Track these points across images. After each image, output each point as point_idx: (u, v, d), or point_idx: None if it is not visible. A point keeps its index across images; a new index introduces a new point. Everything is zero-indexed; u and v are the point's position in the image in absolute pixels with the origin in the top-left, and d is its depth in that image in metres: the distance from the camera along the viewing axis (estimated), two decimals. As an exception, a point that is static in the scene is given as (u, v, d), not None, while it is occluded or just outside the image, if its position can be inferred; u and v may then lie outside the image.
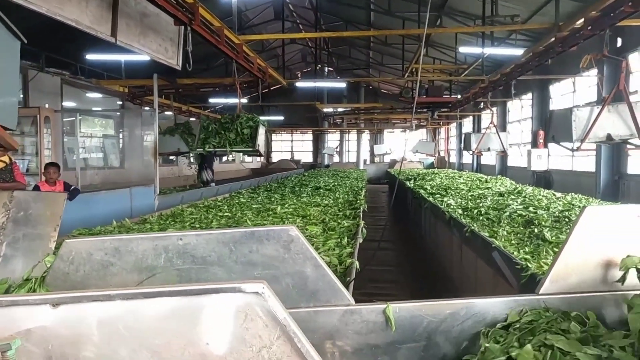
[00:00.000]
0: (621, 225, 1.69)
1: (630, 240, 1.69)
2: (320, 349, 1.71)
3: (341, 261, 3.60)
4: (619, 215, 1.70)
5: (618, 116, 4.59)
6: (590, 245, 1.69)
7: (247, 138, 5.39)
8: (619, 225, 1.69)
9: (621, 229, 1.69)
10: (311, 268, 1.69)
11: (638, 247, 1.69)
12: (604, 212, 1.70)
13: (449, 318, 1.69)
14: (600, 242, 1.69)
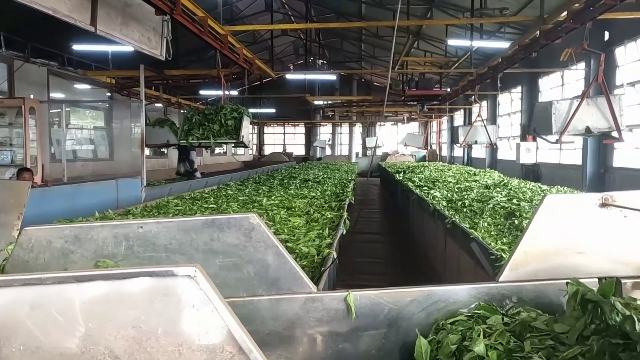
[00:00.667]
0: (581, 214, 1.70)
1: (589, 229, 1.70)
2: (282, 337, 1.72)
3: (319, 252, 3.61)
4: (579, 203, 1.71)
5: (597, 109, 4.62)
6: (550, 234, 1.70)
7: (231, 129, 5.36)
8: (579, 213, 1.70)
9: (581, 217, 1.70)
10: (272, 256, 1.69)
11: (596, 235, 1.71)
12: (564, 201, 1.72)
13: (410, 305, 1.70)
14: (560, 230, 1.70)
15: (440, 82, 14.43)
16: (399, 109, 17.96)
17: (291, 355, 1.71)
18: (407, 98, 12.19)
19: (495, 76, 8.44)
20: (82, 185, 7.87)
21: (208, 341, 0.90)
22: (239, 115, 5.39)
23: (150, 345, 0.91)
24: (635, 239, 1.70)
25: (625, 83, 9.39)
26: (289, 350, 1.71)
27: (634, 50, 9.15)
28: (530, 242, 1.70)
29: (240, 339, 0.89)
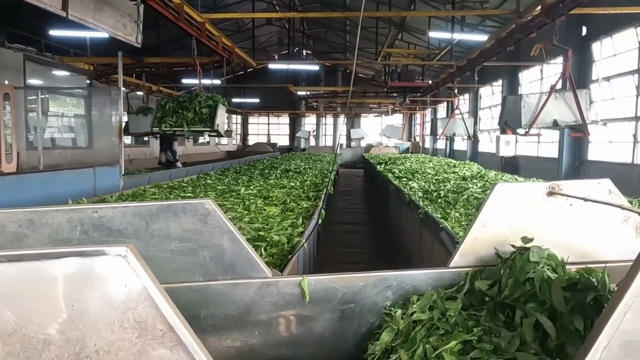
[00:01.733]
0: (529, 202, 1.76)
1: (536, 216, 1.76)
2: (237, 320, 1.75)
3: (289, 240, 3.65)
4: (527, 192, 1.76)
5: (564, 103, 4.73)
6: (499, 221, 1.75)
7: (205, 118, 5.31)
8: (527, 202, 1.76)
9: (529, 205, 1.76)
10: (228, 241, 1.71)
11: (544, 222, 1.77)
12: (513, 189, 1.77)
13: (363, 290, 1.74)
14: (509, 217, 1.76)
15: (423, 74, 14.50)
16: (382, 100, 18.01)
17: (247, 339, 1.74)
18: (389, 90, 12.22)
19: (473, 69, 8.53)
20: (58, 173, 7.76)
21: (139, 319, 0.93)
22: (214, 104, 5.34)
23: (83, 323, 0.92)
24: (579, 227, 1.76)
25: (600, 78, 9.57)
26: (245, 334, 1.74)
27: (610, 45, 9.32)
28: (479, 229, 1.75)
29: (170, 317, 0.91)
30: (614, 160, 9.20)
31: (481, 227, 1.75)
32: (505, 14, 7.95)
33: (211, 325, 1.73)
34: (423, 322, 1.45)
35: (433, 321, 1.42)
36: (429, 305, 1.53)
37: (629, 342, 0.93)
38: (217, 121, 5.25)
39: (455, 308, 1.41)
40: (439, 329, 1.37)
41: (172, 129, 5.55)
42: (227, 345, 1.74)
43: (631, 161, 8.63)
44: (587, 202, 1.73)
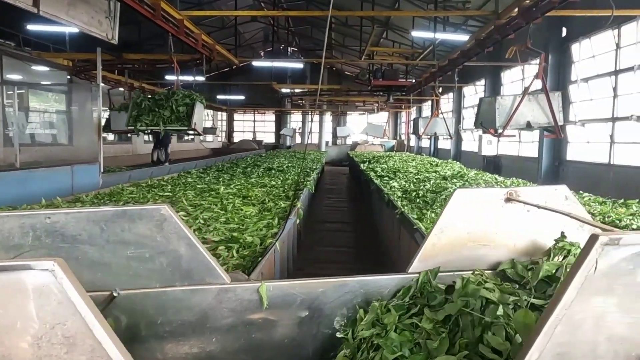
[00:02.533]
0: (487, 208, 1.77)
1: (494, 222, 1.77)
2: (195, 327, 1.73)
3: (262, 241, 3.63)
4: (486, 198, 1.77)
5: (537, 105, 4.79)
6: (458, 226, 1.76)
7: (182, 116, 5.23)
8: (486, 207, 1.77)
9: (487, 211, 1.77)
10: (185, 247, 1.69)
11: (502, 228, 1.78)
12: (472, 195, 1.77)
13: (322, 296, 1.74)
14: (467, 223, 1.76)
15: (407, 73, 14.55)
16: (367, 98, 18.04)
17: (204, 345, 1.73)
18: (373, 88, 12.23)
19: (454, 69, 8.58)
20: (34, 171, 7.61)
21: (68, 334, 0.91)
22: (192, 102, 5.26)
23: (9, 339, 0.90)
24: (536, 232, 1.77)
25: (579, 79, 9.70)
26: (202, 340, 1.72)
27: (588, 47, 9.44)
28: (438, 234, 1.76)
29: (99, 332, 0.89)
30: (592, 161, 9.35)
31: (440, 233, 1.76)
32: (481, 15, 8.01)
33: (168, 331, 1.71)
34: (367, 338, 1.45)
35: (373, 338, 1.42)
36: (374, 319, 1.53)
37: (561, 354, 0.94)
38: (195, 120, 5.18)
39: (392, 321, 1.41)
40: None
41: (147, 128, 5.46)
42: (184, 352, 1.72)
43: (608, 161, 8.77)
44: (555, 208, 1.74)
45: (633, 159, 8.15)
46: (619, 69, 8.49)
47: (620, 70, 8.46)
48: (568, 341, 0.94)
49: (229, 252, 3.35)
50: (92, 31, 5.12)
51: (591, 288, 0.94)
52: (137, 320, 1.70)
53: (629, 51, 8.25)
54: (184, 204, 5.24)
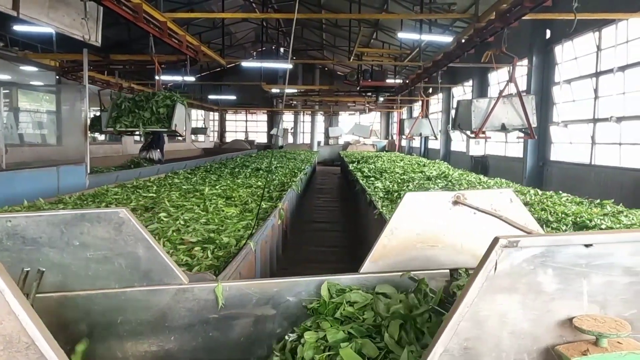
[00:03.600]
0: (436, 210, 1.84)
1: (443, 224, 1.85)
2: (154, 326, 1.80)
3: (238, 242, 3.69)
4: (435, 201, 1.85)
5: (512, 107, 4.89)
6: (407, 228, 1.83)
7: (163, 117, 5.26)
8: (434, 210, 1.84)
9: (436, 213, 1.84)
10: (143, 249, 1.75)
11: (450, 229, 1.85)
12: (421, 198, 1.85)
13: (276, 295, 1.80)
14: (417, 225, 1.84)
15: (395, 73, 14.66)
16: (356, 99, 18.13)
17: (163, 344, 1.79)
18: (361, 89, 12.32)
19: (438, 71, 8.67)
20: (19, 172, 7.62)
21: (5, 332, 0.96)
22: (172, 103, 5.29)
23: (-54, 338, 0.96)
24: (482, 233, 1.85)
25: (561, 80, 9.83)
26: (161, 338, 1.78)
27: (571, 49, 9.58)
28: (389, 236, 1.83)
29: (32, 330, 0.95)
30: (574, 161, 9.48)
31: (390, 234, 1.83)
32: (462, 17, 8.11)
33: (128, 330, 1.77)
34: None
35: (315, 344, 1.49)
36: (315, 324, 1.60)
37: (467, 349, 1.01)
38: (175, 121, 5.21)
39: (328, 328, 1.48)
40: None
41: (127, 130, 5.48)
42: (143, 350, 1.78)
43: (589, 162, 8.91)
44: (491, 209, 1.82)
45: (613, 160, 8.28)
46: (600, 70, 8.63)
47: (601, 72, 8.60)
48: (473, 336, 1.02)
49: (204, 252, 3.41)
50: (74, 33, 5.16)
51: (494, 287, 1.02)
52: (97, 319, 1.76)
53: (609, 53, 8.39)
54: (166, 205, 5.29)
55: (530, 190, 6.53)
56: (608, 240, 1.03)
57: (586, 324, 0.99)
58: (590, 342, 1.00)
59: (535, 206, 5.02)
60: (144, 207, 5.23)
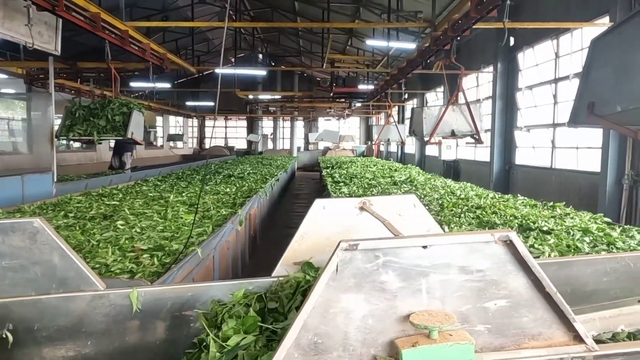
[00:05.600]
0: (344, 216, 1.94)
1: (351, 228, 1.95)
2: (71, 332, 1.85)
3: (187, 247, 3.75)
4: (343, 206, 1.95)
5: (461, 115, 5.08)
6: (317, 233, 1.93)
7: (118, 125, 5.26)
8: (343, 215, 1.94)
9: (344, 218, 1.94)
10: (58, 257, 1.81)
11: (358, 234, 1.95)
12: (330, 204, 1.95)
13: (191, 300, 1.88)
14: (326, 230, 1.93)
15: (368, 79, 14.87)
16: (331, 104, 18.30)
17: (80, 349, 1.84)
18: (335, 95, 12.46)
19: (402, 78, 8.86)
20: (-20, 181, 7.51)
21: None
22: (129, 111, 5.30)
23: None
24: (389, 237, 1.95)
25: (524, 87, 10.12)
26: (78, 344, 1.84)
27: (532, 56, 9.87)
28: (299, 240, 1.92)
29: None
30: (537, 165, 9.75)
31: (300, 239, 1.92)
32: (419, 26, 8.32)
33: (45, 336, 1.83)
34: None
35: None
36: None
37: (316, 342, 1.11)
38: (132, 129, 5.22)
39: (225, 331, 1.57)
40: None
41: (80, 138, 5.47)
42: (61, 355, 1.84)
43: (550, 165, 9.18)
44: (396, 214, 1.93)
45: (571, 163, 8.56)
46: (558, 77, 8.92)
47: (559, 78, 8.88)
48: (322, 332, 1.11)
49: (151, 259, 3.46)
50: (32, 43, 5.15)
51: (340, 287, 1.12)
52: (15, 326, 1.80)
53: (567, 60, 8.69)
54: (126, 213, 5.31)
55: (489, 194, 6.72)
56: (443, 242, 1.14)
57: (418, 318, 1.09)
58: (424, 335, 1.10)
59: (487, 209, 5.18)
60: (102, 215, 5.24)
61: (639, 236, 4.05)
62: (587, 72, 2.16)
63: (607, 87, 1.91)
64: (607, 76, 1.91)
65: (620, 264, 1.98)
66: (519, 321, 1.16)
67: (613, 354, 1.16)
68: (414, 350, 1.06)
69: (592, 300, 2.02)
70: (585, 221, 4.60)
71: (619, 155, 6.53)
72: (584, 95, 2.08)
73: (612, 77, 1.87)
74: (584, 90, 2.10)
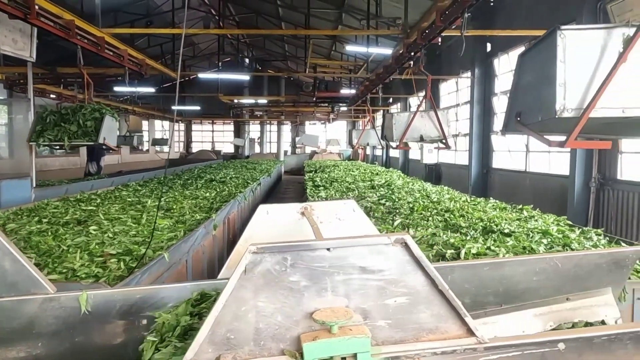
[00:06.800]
0: (286, 220, 2.04)
1: (294, 232, 2.05)
2: (23, 334, 1.93)
3: (155, 251, 3.83)
4: (286, 211, 2.05)
5: (429, 120, 5.23)
6: (260, 237, 2.03)
7: (90, 131, 5.29)
8: (285, 219, 2.04)
9: (286, 223, 2.04)
10: (9, 263, 1.88)
11: (300, 237, 2.06)
12: (273, 209, 2.05)
13: (139, 302, 1.96)
14: (270, 233, 2.03)
15: (350, 84, 15.03)
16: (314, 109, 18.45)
17: (31, 350, 1.92)
18: (318, 99, 12.59)
19: (380, 83, 9.01)
20: (-45, 187, 7.48)
21: None
22: (101, 116, 5.33)
23: None
24: (328, 241, 2.06)
25: (499, 92, 10.33)
26: (29, 345, 1.91)
27: (507, 61, 10.10)
28: (243, 244, 2.02)
29: None
30: (513, 168, 9.96)
31: (245, 243, 2.02)
32: (393, 34, 8.49)
33: (-2, 339, 1.90)
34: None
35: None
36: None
37: (228, 338, 1.21)
38: (104, 134, 5.26)
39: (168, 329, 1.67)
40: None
41: (50, 144, 5.49)
42: (12, 357, 1.91)
43: (524, 169, 9.38)
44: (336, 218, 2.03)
45: (544, 167, 8.76)
46: (532, 82, 9.11)
47: (533, 83, 9.08)
48: (234, 328, 1.21)
49: (118, 264, 3.53)
50: (5, 50, 5.20)
51: (251, 287, 1.22)
52: None
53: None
54: (100, 218, 5.36)
55: (462, 197, 6.87)
56: (346, 245, 1.25)
57: (320, 315, 1.20)
58: (327, 330, 1.20)
59: (455, 212, 5.32)
60: (77, 221, 5.29)
61: (596, 238, 4.22)
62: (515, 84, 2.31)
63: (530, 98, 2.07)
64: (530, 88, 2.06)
65: (549, 264, 2.10)
66: (417, 317, 1.27)
67: (502, 345, 1.27)
68: (314, 344, 1.16)
69: (524, 299, 2.14)
70: (549, 223, 4.76)
71: (586, 159, 6.74)
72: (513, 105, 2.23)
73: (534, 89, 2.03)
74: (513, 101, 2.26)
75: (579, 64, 1.87)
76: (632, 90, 1.77)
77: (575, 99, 1.82)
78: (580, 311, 2.12)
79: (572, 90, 1.82)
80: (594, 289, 2.14)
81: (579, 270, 2.13)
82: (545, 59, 1.93)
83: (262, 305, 1.23)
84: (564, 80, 1.82)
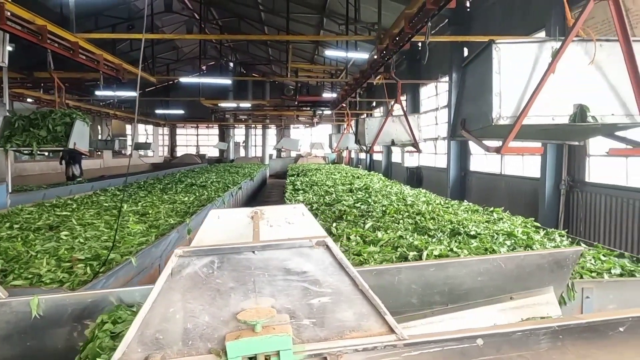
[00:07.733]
0: (237, 224, 2.10)
1: (244, 235, 2.10)
2: (-26, 339, 1.95)
3: (123, 256, 3.85)
4: (237, 216, 2.10)
5: (400, 125, 5.34)
6: (212, 239, 2.08)
7: (60, 136, 5.26)
8: (236, 223, 2.10)
9: (237, 226, 2.10)
10: (-41, 268, 1.91)
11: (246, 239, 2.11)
12: (224, 214, 2.10)
13: (90, 306, 1.99)
14: (221, 236, 2.08)
15: (332, 88, 15.15)
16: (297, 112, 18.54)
17: (-18, 355, 1.94)
18: (299, 103, 12.67)
19: (357, 87, 9.12)
20: None
21: None
22: (71, 121, 5.30)
23: None
24: (278, 244, 2.12)
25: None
26: (-20, 349, 1.94)
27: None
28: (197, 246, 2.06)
29: None
30: (489, 171, 10.13)
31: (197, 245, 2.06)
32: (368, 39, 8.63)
33: (-49, 343, 1.92)
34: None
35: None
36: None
37: (158, 339, 1.26)
38: (74, 139, 5.24)
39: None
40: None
41: (18, 149, 5.46)
42: (-37, 361, 1.93)
43: (500, 172, 9.56)
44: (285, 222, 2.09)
45: (518, 170, 8.94)
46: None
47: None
48: (163, 329, 1.26)
49: (85, 269, 3.55)
50: (-25, 56, 5.17)
51: (179, 288, 1.27)
52: None
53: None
54: (73, 223, 5.35)
55: (436, 200, 6.99)
56: (271, 247, 1.31)
57: (243, 315, 1.26)
58: (251, 329, 1.26)
59: (426, 215, 5.42)
60: (49, 226, 5.27)
61: (559, 239, 4.35)
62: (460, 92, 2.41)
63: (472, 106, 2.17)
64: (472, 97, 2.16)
65: (492, 265, 2.19)
66: (340, 315, 1.33)
67: (422, 342, 1.34)
68: (236, 342, 1.22)
69: (469, 298, 2.22)
70: (516, 225, 4.89)
71: (556, 162, 6.91)
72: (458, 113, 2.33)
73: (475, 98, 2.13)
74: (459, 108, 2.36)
75: (513, 75, 1.97)
76: (560, 100, 1.87)
77: (510, 108, 1.92)
78: (524, 310, 2.21)
79: (507, 100, 1.92)
80: (537, 288, 2.23)
81: (522, 271, 2.22)
82: (483, 71, 2.03)
83: (191, 306, 1.28)
84: (500, 90, 1.92)
